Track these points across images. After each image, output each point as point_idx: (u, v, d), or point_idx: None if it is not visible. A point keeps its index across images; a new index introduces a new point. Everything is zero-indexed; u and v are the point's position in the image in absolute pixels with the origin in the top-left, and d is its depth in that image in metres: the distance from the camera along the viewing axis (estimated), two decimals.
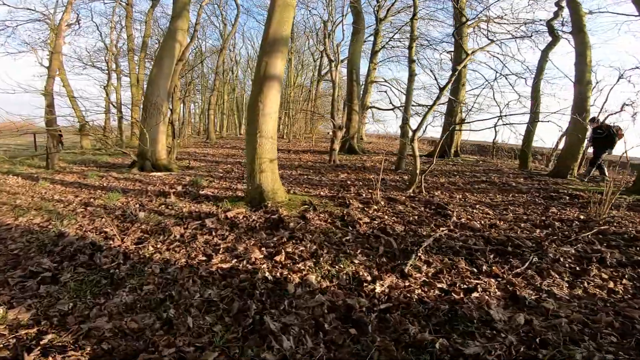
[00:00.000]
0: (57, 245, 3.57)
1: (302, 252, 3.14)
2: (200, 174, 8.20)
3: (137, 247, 3.32)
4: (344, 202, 5.24)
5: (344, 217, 4.33)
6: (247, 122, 4.75)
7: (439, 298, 2.41)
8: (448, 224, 4.23)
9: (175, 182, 7.20)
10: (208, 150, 14.22)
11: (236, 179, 7.42)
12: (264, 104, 4.49)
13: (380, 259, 3.12)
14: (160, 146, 8.78)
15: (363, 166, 9.88)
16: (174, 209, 4.71)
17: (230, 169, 8.99)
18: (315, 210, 4.58)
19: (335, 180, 7.61)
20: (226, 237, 3.49)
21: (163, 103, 8.69)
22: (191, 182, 6.96)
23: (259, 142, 4.55)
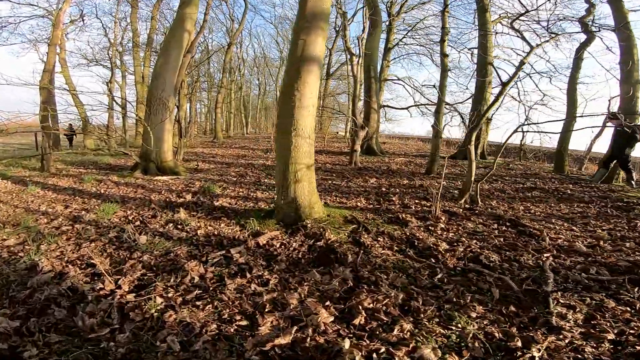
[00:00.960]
0: (24, 287, 2.49)
1: (388, 306, 2.04)
2: (210, 178, 7.11)
3: (139, 296, 2.22)
4: (396, 218, 4.13)
5: (412, 241, 3.23)
6: (278, 117, 3.63)
7: (616, 352, 1.65)
8: (546, 247, 3.24)
9: (183, 189, 6.10)
10: (216, 151, 13.14)
11: (253, 186, 6.32)
12: (302, 92, 3.38)
13: (505, 308, 2.13)
14: (166, 146, 7.69)
15: (389, 169, 8.76)
16: (185, 229, 3.60)
17: (243, 172, 7.89)
18: (368, 232, 3.48)
19: (365, 186, 6.50)
20: (266, 280, 2.38)
21: (169, 98, 7.61)
22: (202, 189, 5.86)
23: (295, 143, 3.45)
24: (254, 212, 4.18)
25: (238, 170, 8.13)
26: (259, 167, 8.68)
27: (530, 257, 3.01)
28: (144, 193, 5.73)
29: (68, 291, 2.35)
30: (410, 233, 3.54)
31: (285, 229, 3.47)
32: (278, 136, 3.60)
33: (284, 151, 3.52)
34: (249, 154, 12.15)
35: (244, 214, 4.10)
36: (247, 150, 13.22)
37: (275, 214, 3.75)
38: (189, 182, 6.67)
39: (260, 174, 7.60)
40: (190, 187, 6.16)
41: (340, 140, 18.85)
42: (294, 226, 3.47)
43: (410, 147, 15.96)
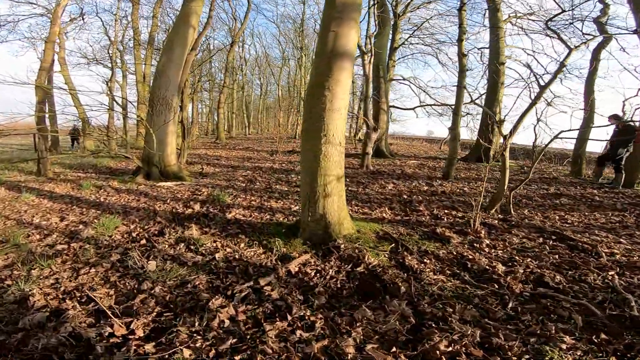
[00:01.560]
0: (15, 327, 2.01)
1: (467, 347, 1.64)
2: (218, 184, 6.62)
3: (159, 346, 1.75)
4: (432, 232, 3.68)
5: (463, 262, 2.79)
6: (304, 121, 3.14)
7: None
8: (607, 264, 2.85)
9: (190, 197, 5.62)
10: (220, 152, 12.64)
11: (264, 193, 5.84)
12: (333, 92, 2.90)
13: (595, 337, 1.80)
14: (170, 149, 7.20)
15: (403, 173, 8.30)
16: (199, 250, 3.12)
17: (252, 177, 7.40)
18: (410, 252, 3.02)
19: (384, 193, 6.04)
20: (311, 322, 1.89)
21: (173, 98, 7.11)
22: (211, 197, 5.38)
23: (325, 151, 2.97)
24: (273, 227, 3.70)
25: (246, 175, 7.64)
26: (267, 171, 8.20)
27: (595, 276, 2.60)
28: (147, 202, 5.24)
29: (70, 339, 1.87)
30: (457, 252, 3.08)
31: (315, 249, 2.99)
32: (304, 143, 3.13)
33: (312, 161, 3.05)
34: (254, 155, 11.66)
35: (263, 230, 3.63)
36: (251, 152, 12.73)
37: (300, 232, 3.27)
38: (195, 189, 6.19)
39: (269, 179, 7.12)
40: (198, 195, 5.68)
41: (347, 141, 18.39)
42: (324, 246, 3.00)
43: (418, 148, 15.51)
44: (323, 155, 2.97)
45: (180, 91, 7.64)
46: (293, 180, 6.95)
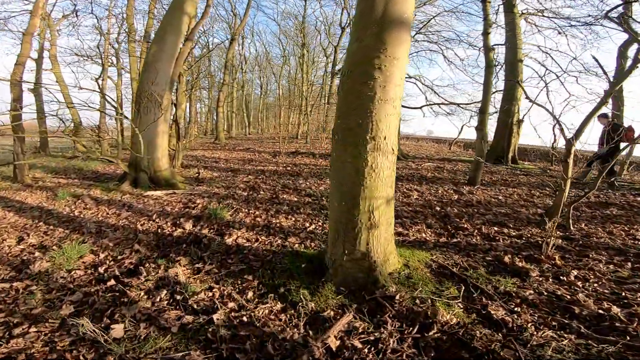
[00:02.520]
0: None
1: None
2: (216, 193, 5.61)
3: None
4: (497, 261, 2.71)
5: (563, 305, 1.83)
6: (339, 116, 2.11)
7: None
8: None
9: (181, 211, 4.61)
10: (219, 154, 11.61)
11: (271, 205, 4.84)
12: (387, 75, 1.91)
13: None
14: (160, 152, 6.17)
15: (423, 177, 7.33)
16: (189, 304, 2.12)
17: (254, 183, 6.39)
18: (485, 294, 2.04)
19: (411, 203, 5.06)
20: None
21: (163, 93, 6.08)
22: (207, 212, 4.37)
23: (372, 162, 1.98)
24: (288, 260, 2.70)
25: (247, 181, 6.63)
26: (271, 176, 7.19)
27: None
28: (129, 218, 4.22)
29: None
30: (547, 291, 2.16)
31: (356, 302, 2.00)
32: (338, 150, 2.11)
33: (350, 176, 2.05)
34: (255, 157, 10.64)
35: (276, 265, 2.63)
36: (252, 154, 11.70)
37: (330, 273, 2.27)
38: (188, 199, 5.18)
39: (274, 186, 6.11)
40: (191, 209, 4.67)
41: None
42: (369, 296, 2.02)
43: (428, 149, 14.53)
44: (370, 169, 1.98)
45: (173, 86, 6.61)
46: (302, 187, 5.95)
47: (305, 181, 6.50)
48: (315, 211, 4.49)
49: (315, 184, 6.24)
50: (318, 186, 6.07)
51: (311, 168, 8.26)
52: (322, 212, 4.43)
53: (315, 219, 4.09)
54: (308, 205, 4.78)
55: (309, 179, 6.71)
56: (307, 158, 10.40)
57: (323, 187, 6.01)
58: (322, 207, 4.71)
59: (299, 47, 25.04)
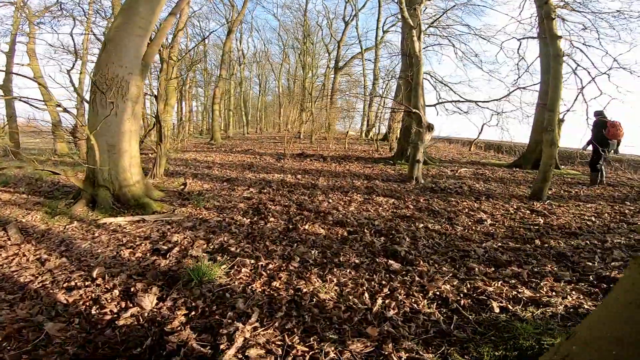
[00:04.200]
0: None
1: None
2: (204, 219, 3.79)
3: None
4: None
5: None
6: None
7: None
8: None
9: (144, 259, 2.79)
10: (213, 157, 9.75)
11: (287, 244, 3.03)
12: None
13: None
14: (127, 160, 4.32)
15: (472, 189, 5.57)
16: None
17: (258, 200, 4.58)
18: None
19: (493, 232, 3.29)
20: None
21: (132, 80, 4.23)
22: (186, 268, 2.53)
23: None
24: None
25: (249, 197, 4.80)
26: (279, 188, 5.38)
27: None
28: (54, 275, 2.39)
29: None
30: None
31: None
32: None
33: None
34: (256, 161, 8.81)
35: None
36: (252, 156, 9.86)
37: None
38: (161, 235, 3.34)
39: (287, 205, 4.31)
40: (161, 257, 2.84)
41: (358, 141, 15.56)
42: None
43: (448, 150, 12.75)
44: None
45: (147, 71, 4.75)
46: (324, 207, 4.16)
47: (326, 197, 4.71)
48: (366, 259, 2.71)
49: (341, 202, 4.45)
50: (346, 205, 4.28)
51: (326, 177, 6.46)
52: (377, 263, 2.65)
53: (382, 283, 2.30)
54: (347, 244, 3.01)
55: (329, 194, 4.92)
56: (317, 162, 8.60)
57: (353, 206, 4.22)
58: (372, 249, 2.93)
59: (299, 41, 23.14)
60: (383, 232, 3.37)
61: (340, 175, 6.57)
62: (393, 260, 2.73)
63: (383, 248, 3.00)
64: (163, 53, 6.77)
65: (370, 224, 3.58)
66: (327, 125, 16.60)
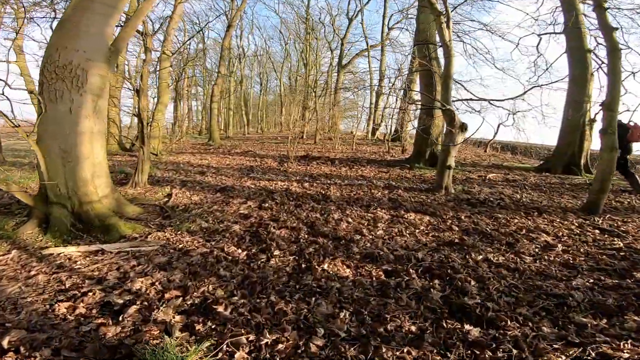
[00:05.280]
0: None
1: None
2: (185, 251, 2.78)
3: None
4: None
5: None
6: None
7: None
8: None
9: (87, 319, 1.78)
10: (210, 159, 8.73)
11: (301, 298, 2.02)
12: None
13: None
14: (89, 169, 3.31)
15: (513, 200, 4.56)
16: None
17: (258, 220, 3.58)
18: None
19: (571, 262, 2.29)
20: None
21: (93, 67, 3.22)
22: (148, 343, 1.51)
23: None
24: None
25: (246, 214, 3.77)
26: (283, 200, 4.37)
27: None
28: None
29: None
30: None
31: None
32: None
33: None
34: (256, 164, 7.80)
35: None
36: (252, 159, 8.84)
37: None
38: (122, 275, 2.34)
39: (297, 228, 3.29)
40: (109, 319, 1.83)
41: (365, 142, 14.52)
42: None
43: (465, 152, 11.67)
44: None
45: (116, 58, 3.72)
46: (342, 229, 3.16)
47: (343, 214, 3.69)
48: (426, 323, 1.71)
49: (364, 222, 3.44)
50: (371, 227, 3.27)
51: (338, 185, 5.45)
52: (446, 329, 1.65)
53: None
54: (389, 295, 2.00)
55: (346, 209, 3.90)
56: (325, 166, 7.60)
57: (381, 228, 3.21)
58: (429, 304, 1.91)
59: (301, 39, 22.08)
60: (434, 271, 2.36)
61: (355, 183, 5.56)
62: (467, 322, 1.75)
63: (445, 300, 2.00)
64: (147, 42, 5.76)
65: (411, 257, 2.56)
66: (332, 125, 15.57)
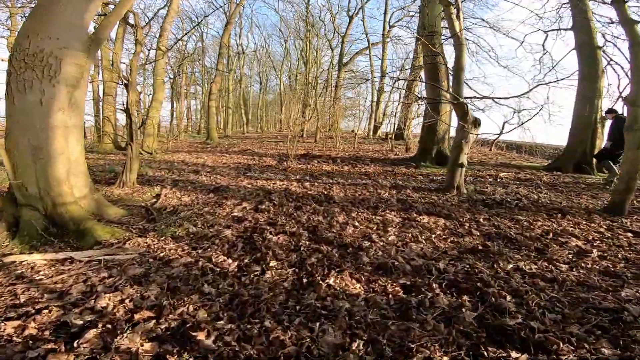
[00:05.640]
0: None
1: None
2: (166, 260, 2.39)
3: None
4: None
5: None
6: None
7: None
8: None
9: (41, 337, 1.39)
10: (205, 158, 8.35)
11: (303, 325, 1.64)
12: None
13: None
14: (64, 167, 2.93)
15: (528, 200, 4.18)
16: None
17: (253, 223, 3.20)
18: None
19: (630, 296, 1.91)
20: None
21: (65, 56, 2.84)
22: None
23: None
24: None
25: (240, 217, 3.38)
26: (282, 202, 3.98)
27: None
28: None
29: None
30: None
31: None
32: None
33: None
34: (254, 163, 7.42)
35: None
36: (250, 157, 8.47)
37: None
38: (83, 294, 1.96)
39: (297, 233, 2.90)
40: (62, 344, 1.45)
41: (366, 140, 14.14)
42: None
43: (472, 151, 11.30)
44: None
45: (97, 47, 3.34)
46: (349, 234, 2.78)
47: (348, 217, 3.31)
48: (461, 351, 1.35)
49: (372, 226, 3.05)
50: (381, 231, 2.89)
51: (341, 185, 5.07)
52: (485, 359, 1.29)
53: None
54: (411, 318, 1.62)
55: (351, 211, 3.52)
56: (326, 164, 7.22)
57: (392, 233, 2.83)
58: (461, 327, 1.54)
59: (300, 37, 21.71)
60: (461, 285, 1.99)
61: (359, 183, 5.18)
62: (511, 348, 1.41)
63: (479, 321, 1.63)
64: (138, 34, 5.39)
65: (432, 267, 2.18)
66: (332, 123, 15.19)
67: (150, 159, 7.99)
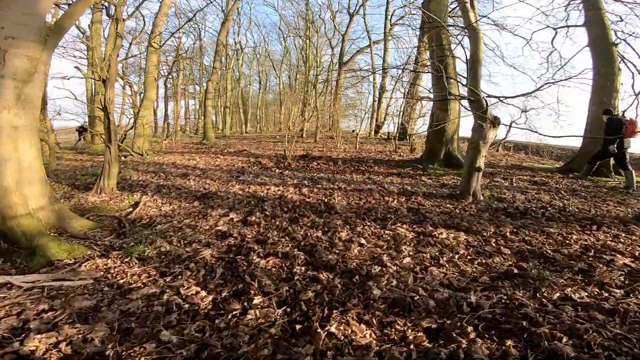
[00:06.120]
0: None
1: None
2: (128, 284, 1.90)
3: None
4: None
5: None
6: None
7: None
8: None
9: None
10: (198, 159, 7.87)
11: None
12: None
13: None
14: (14, 175, 2.46)
15: (552, 208, 3.69)
16: None
17: (239, 240, 2.72)
18: None
19: None
20: None
21: (11, 48, 2.37)
22: None
23: None
24: None
25: (225, 232, 2.89)
26: (275, 213, 3.50)
27: None
28: None
29: None
30: None
31: None
32: None
33: None
34: (249, 166, 6.93)
35: None
36: (246, 159, 7.98)
37: None
38: (12, 332, 1.48)
39: (291, 255, 2.41)
40: None
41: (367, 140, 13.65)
42: None
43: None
44: None
45: (58, 38, 2.86)
46: (354, 256, 2.29)
47: (352, 232, 2.83)
48: None
49: (382, 245, 2.56)
50: (393, 252, 2.40)
51: (343, 190, 4.57)
52: None
53: None
54: None
55: (357, 224, 3.03)
56: (327, 167, 6.73)
57: (407, 254, 2.34)
58: None
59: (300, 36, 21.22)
60: (501, 325, 1.53)
61: (363, 188, 4.69)
62: None
63: None
64: (119, 27, 4.92)
65: (461, 302, 1.71)
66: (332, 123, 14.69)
67: (139, 161, 7.52)
